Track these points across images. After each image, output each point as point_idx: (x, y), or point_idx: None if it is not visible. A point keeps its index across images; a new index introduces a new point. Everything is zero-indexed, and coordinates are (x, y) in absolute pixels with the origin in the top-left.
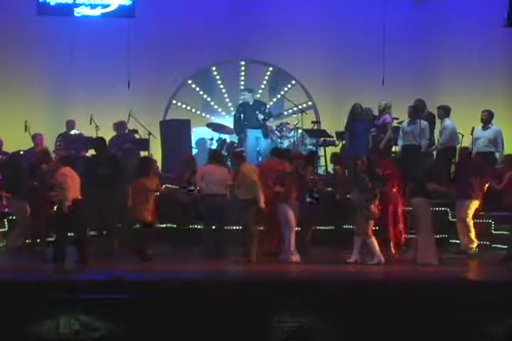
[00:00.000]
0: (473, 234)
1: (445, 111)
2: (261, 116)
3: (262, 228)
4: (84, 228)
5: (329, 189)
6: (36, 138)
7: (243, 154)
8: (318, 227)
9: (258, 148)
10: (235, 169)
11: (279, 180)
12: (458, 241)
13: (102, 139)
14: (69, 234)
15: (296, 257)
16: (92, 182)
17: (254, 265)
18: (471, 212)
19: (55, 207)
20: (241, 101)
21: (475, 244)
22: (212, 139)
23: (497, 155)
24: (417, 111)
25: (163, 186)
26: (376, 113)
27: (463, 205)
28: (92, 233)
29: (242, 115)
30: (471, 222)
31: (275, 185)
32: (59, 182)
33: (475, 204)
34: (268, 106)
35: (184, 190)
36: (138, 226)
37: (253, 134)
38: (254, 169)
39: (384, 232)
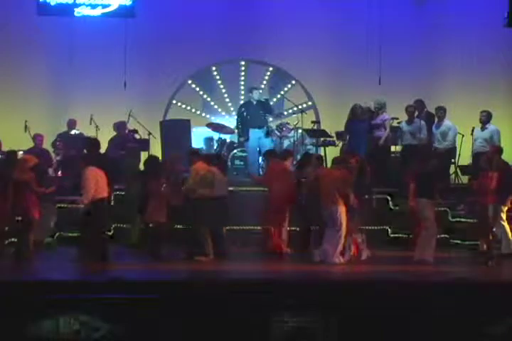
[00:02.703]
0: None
1: (445, 112)
2: (270, 118)
3: (260, 228)
4: (104, 226)
5: None
6: (36, 138)
7: (198, 152)
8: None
9: (259, 148)
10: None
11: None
12: (458, 242)
13: (94, 140)
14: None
15: (341, 259)
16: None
17: (255, 265)
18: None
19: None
20: (246, 100)
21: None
22: (212, 139)
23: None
24: (415, 111)
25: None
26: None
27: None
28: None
29: (246, 115)
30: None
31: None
32: (84, 184)
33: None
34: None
35: None
36: (151, 225)
37: (256, 134)
38: (208, 168)
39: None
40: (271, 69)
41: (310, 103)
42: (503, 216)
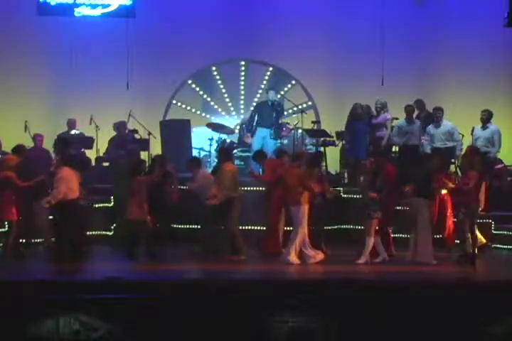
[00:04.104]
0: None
1: (443, 112)
2: (274, 114)
3: (263, 228)
4: (78, 227)
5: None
6: (36, 138)
7: (230, 152)
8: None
9: (262, 148)
10: (218, 166)
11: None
12: (458, 241)
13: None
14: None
15: (296, 259)
16: None
17: (255, 265)
18: None
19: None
20: (262, 100)
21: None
22: (212, 139)
23: (492, 153)
24: (414, 111)
25: None
26: (374, 112)
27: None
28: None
29: (257, 114)
30: None
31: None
32: (56, 185)
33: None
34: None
35: None
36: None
37: (262, 133)
38: (237, 168)
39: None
40: (271, 69)
41: (310, 103)
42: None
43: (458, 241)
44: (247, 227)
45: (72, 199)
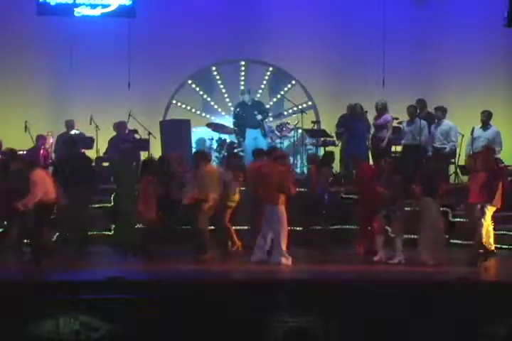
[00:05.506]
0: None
1: (443, 112)
2: (259, 117)
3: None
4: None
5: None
6: (40, 140)
7: (205, 154)
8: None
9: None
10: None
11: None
12: (458, 241)
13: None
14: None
15: (288, 260)
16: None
17: (254, 265)
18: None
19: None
20: (240, 101)
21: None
22: (212, 139)
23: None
24: (416, 111)
25: None
26: (374, 112)
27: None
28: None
29: (240, 115)
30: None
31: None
32: (31, 189)
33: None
34: (268, 106)
35: None
36: (141, 225)
37: (251, 134)
38: (216, 170)
39: None
40: (271, 69)
41: (310, 103)
42: (488, 216)
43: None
44: (245, 227)
45: (48, 202)
